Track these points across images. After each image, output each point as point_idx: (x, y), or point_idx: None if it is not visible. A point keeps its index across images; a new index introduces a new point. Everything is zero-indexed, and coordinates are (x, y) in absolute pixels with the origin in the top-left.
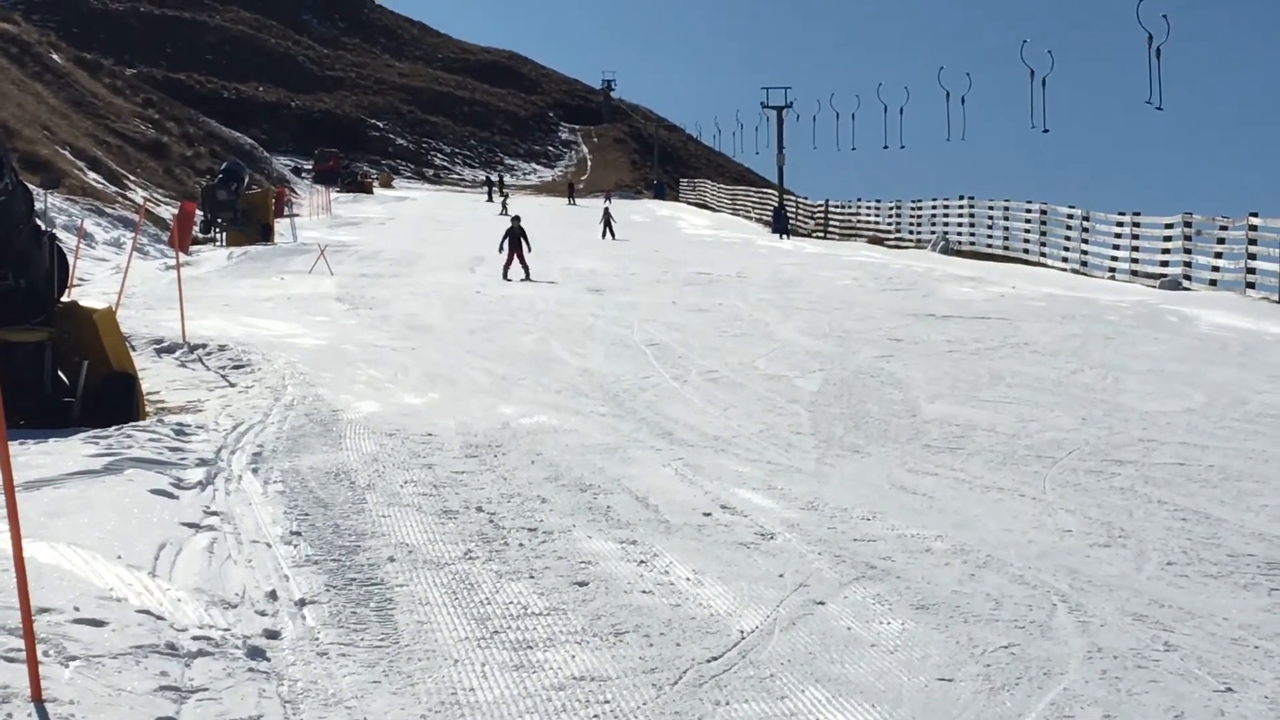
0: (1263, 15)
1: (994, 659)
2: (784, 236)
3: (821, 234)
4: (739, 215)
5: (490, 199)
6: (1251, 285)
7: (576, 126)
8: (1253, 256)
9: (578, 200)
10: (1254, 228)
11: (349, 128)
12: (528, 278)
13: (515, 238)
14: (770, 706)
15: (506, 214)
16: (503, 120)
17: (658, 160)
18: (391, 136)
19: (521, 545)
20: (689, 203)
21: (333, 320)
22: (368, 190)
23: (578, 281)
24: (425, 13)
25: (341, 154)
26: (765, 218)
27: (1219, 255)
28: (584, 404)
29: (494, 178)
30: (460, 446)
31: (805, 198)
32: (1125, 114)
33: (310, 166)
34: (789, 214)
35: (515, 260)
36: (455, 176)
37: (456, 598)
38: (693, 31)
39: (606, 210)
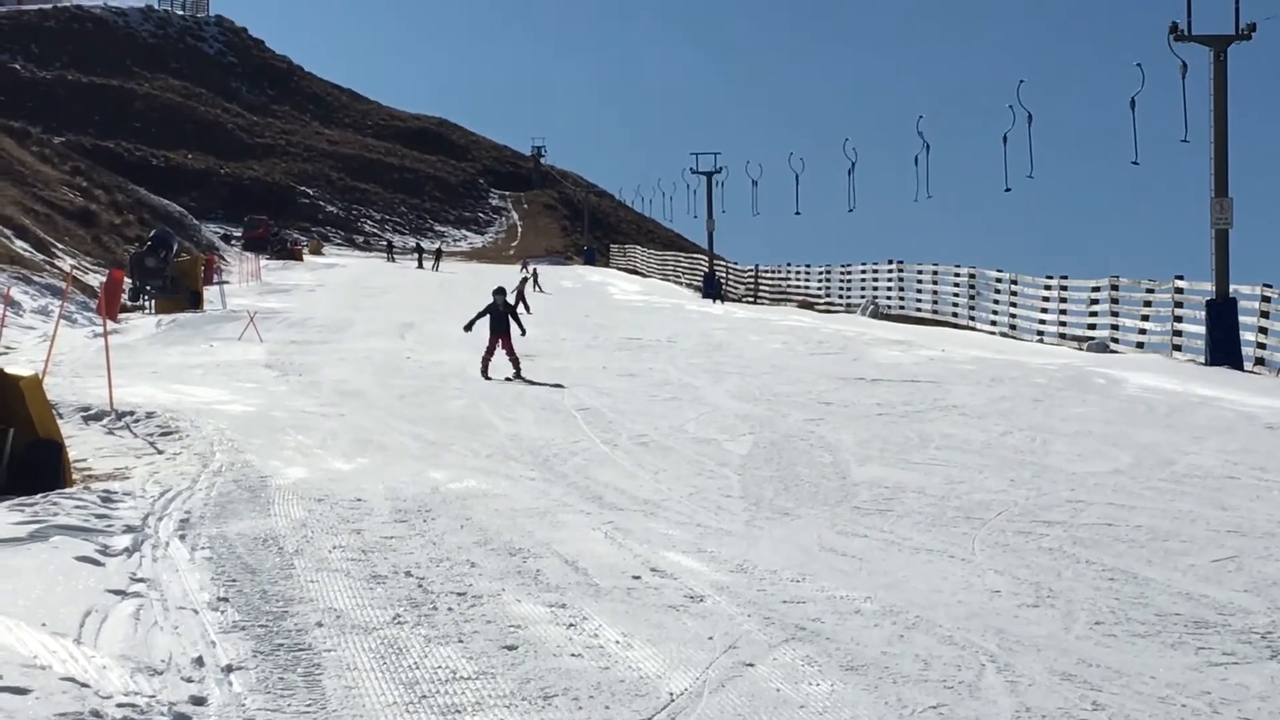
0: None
1: (923, 719)
2: (715, 301)
3: (752, 299)
4: (669, 280)
5: (420, 265)
6: (1178, 348)
7: (507, 193)
8: (1179, 319)
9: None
10: (1180, 290)
11: (278, 194)
12: (518, 373)
13: (501, 318)
14: None
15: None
16: (433, 187)
17: (588, 226)
18: (321, 203)
19: (450, 610)
20: (620, 268)
21: (262, 387)
22: (298, 257)
23: None
24: (354, 80)
25: (271, 221)
26: (696, 283)
27: (1145, 318)
28: (514, 468)
29: (424, 244)
30: (389, 511)
31: (735, 263)
32: (1076, 175)
33: (240, 234)
34: (720, 279)
35: (500, 349)
36: (385, 243)
37: (385, 662)
38: (622, 98)
39: (524, 281)
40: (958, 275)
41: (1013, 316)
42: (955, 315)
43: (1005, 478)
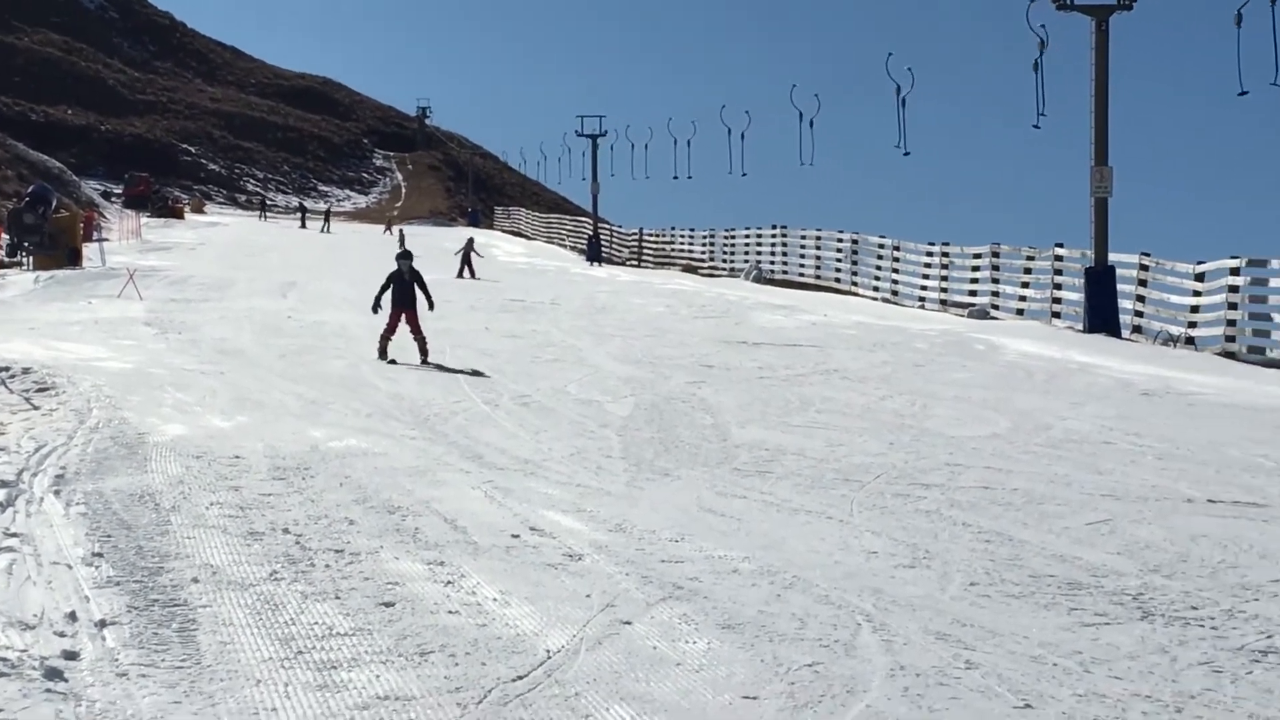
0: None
1: (798, 677)
2: (595, 264)
3: (636, 262)
4: (554, 243)
5: (303, 225)
6: (1057, 315)
7: (391, 153)
8: (1058, 287)
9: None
10: (1059, 258)
11: (160, 152)
12: (425, 358)
13: (406, 289)
14: None
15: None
16: (316, 146)
17: (473, 188)
18: (203, 161)
19: (328, 566)
20: (504, 230)
21: (141, 344)
22: (179, 215)
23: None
24: (237, 37)
25: (153, 178)
26: (580, 246)
27: (1025, 285)
28: (394, 427)
29: (307, 204)
30: (268, 469)
31: (620, 226)
32: (954, 144)
33: (120, 191)
34: (603, 242)
35: (404, 325)
36: (269, 202)
37: (260, 618)
38: (508, 60)
39: (470, 241)
40: (840, 241)
41: (895, 283)
42: (838, 281)
43: (884, 441)
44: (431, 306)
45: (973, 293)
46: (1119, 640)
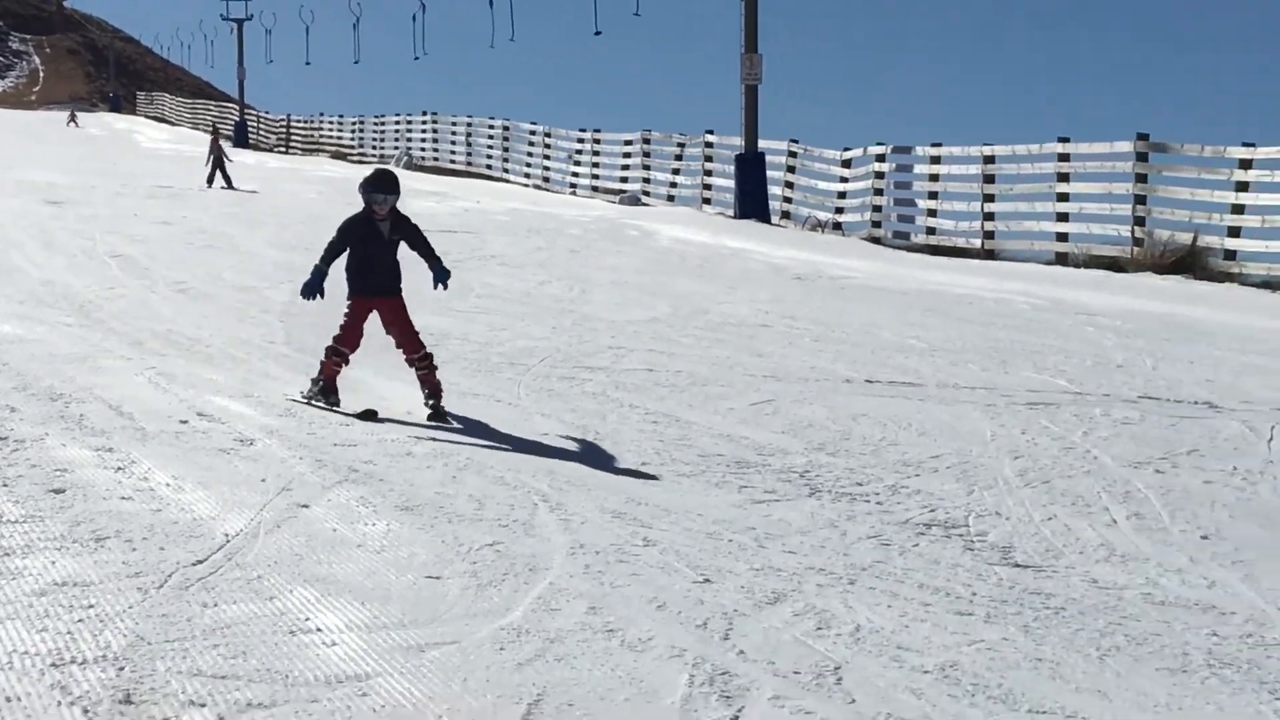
0: None
1: (480, 556)
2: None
3: (284, 149)
4: (201, 130)
5: None
6: (708, 201)
7: (28, 36)
8: (709, 173)
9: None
10: (710, 145)
11: None
12: (438, 403)
13: (382, 256)
14: (259, 607)
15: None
16: None
17: (114, 73)
18: None
19: None
20: (148, 116)
21: None
22: None
23: (34, 194)
24: None
25: None
26: (227, 132)
27: (676, 172)
28: (49, 314)
29: None
30: None
31: (267, 112)
32: (578, 35)
33: None
34: (250, 128)
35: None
36: None
37: None
38: None
39: (216, 143)
40: (492, 127)
41: (546, 169)
42: (489, 168)
43: (547, 325)
44: (443, 281)
45: (624, 179)
46: (790, 516)
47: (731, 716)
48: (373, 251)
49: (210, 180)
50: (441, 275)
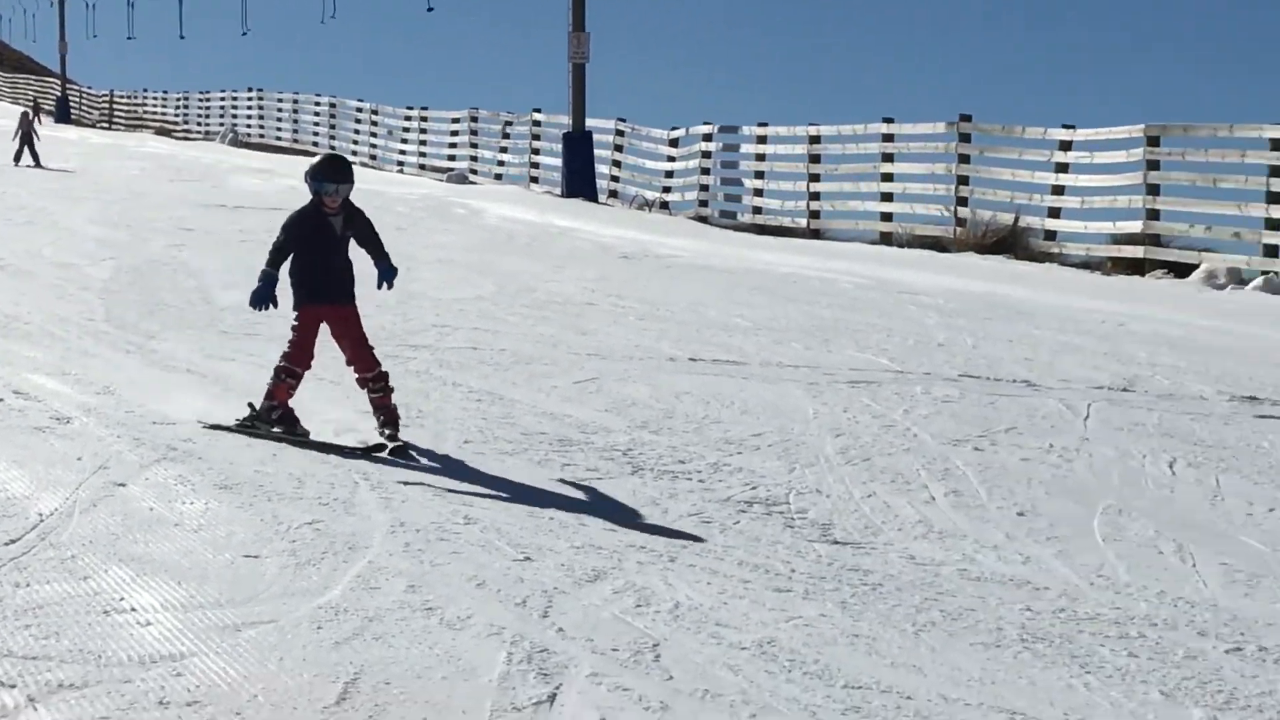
0: None
1: (299, 535)
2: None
3: (107, 125)
4: (20, 104)
5: None
6: (535, 179)
7: None
8: (536, 152)
9: None
10: (538, 123)
11: None
12: (394, 433)
13: (333, 256)
14: (73, 587)
15: None
16: None
17: None
18: None
19: None
20: None
21: None
22: None
23: None
24: None
25: None
26: (47, 106)
27: (504, 150)
28: None
29: None
30: None
31: (90, 87)
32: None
33: None
34: (72, 104)
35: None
36: None
37: None
38: None
39: (26, 119)
40: (318, 105)
41: (373, 147)
42: (316, 145)
43: (370, 303)
44: (388, 280)
45: (451, 157)
46: (612, 493)
47: (549, 694)
48: (323, 251)
49: (17, 158)
50: (388, 274)
